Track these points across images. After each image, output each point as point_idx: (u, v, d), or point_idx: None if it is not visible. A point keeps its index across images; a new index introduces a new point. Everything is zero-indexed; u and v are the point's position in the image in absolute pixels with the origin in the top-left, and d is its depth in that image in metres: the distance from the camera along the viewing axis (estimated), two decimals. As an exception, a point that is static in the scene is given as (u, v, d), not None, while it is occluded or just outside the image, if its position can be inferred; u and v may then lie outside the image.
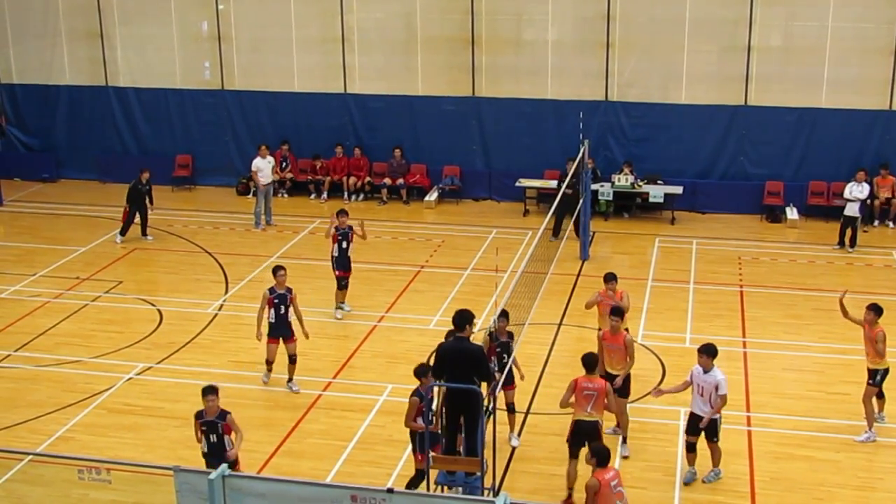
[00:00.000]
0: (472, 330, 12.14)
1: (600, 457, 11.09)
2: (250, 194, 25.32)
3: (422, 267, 20.97)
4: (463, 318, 12.00)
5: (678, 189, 23.99)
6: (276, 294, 15.28)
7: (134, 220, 22.43)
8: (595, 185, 22.93)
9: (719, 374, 12.73)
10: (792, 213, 23.79)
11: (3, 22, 27.53)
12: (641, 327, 17.66)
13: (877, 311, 13.87)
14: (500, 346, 13.44)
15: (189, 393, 15.33)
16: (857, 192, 21.82)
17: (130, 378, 16.06)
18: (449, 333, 12.98)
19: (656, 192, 23.88)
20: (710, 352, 12.75)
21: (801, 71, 23.86)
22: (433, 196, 25.37)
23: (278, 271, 15.45)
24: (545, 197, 24.30)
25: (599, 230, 23.22)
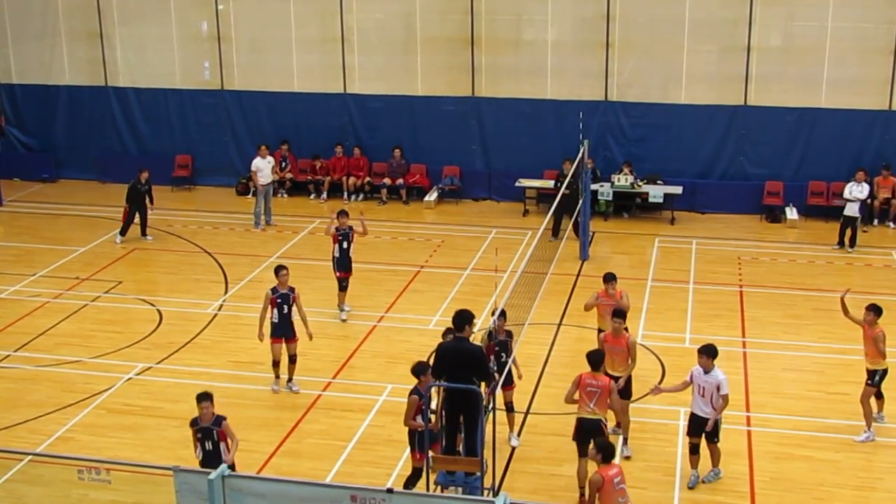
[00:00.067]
0: (471, 330, 12.13)
1: (605, 452, 11.13)
2: (250, 194, 25.31)
3: (421, 267, 20.97)
4: (462, 319, 11.99)
5: (678, 189, 23.99)
6: (279, 294, 15.25)
7: (133, 220, 22.44)
8: (595, 186, 22.93)
9: (720, 375, 12.73)
10: (791, 213, 23.79)
11: (2, 22, 27.52)
12: (641, 327, 17.66)
13: (876, 311, 13.89)
14: (498, 344, 13.45)
15: (189, 393, 15.26)
16: (856, 192, 21.83)
17: (130, 378, 16.06)
18: (446, 332, 13.00)
19: (656, 192, 23.88)
20: (710, 352, 12.75)
21: (801, 71, 23.86)
22: (433, 196, 25.37)
23: (280, 271, 15.41)
24: (545, 197, 24.29)
25: (599, 230, 23.22)
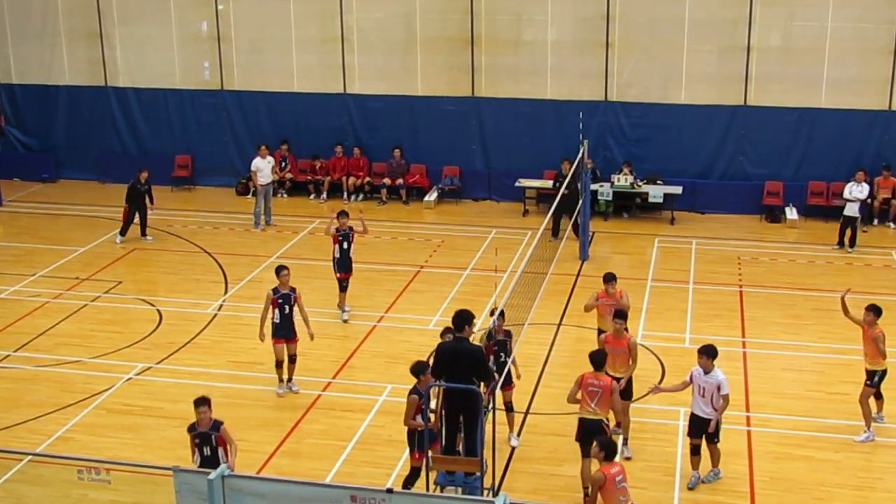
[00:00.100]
0: (471, 330, 12.12)
1: (608, 450, 11.16)
2: (250, 194, 25.31)
3: (421, 267, 20.97)
4: (462, 319, 11.99)
5: (678, 189, 23.99)
6: (280, 294, 15.18)
7: (133, 220, 22.44)
8: (594, 186, 22.93)
9: (720, 375, 12.73)
10: (791, 213, 23.79)
11: (2, 22, 27.51)
12: (641, 327, 17.66)
13: (876, 311, 13.88)
14: (496, 344, 13.44)
15: (188, 393, 15.25)
16: (856, 192, 21.82)
17: (130, 378, 16.05)
18: (444, 331, 13.00)
19: (656, 192, 23.88)
20: (709, 353, 12.74)
21: (801, 71, 23.87)
22: (433, 196, 25.37)
23: (281, 271, 15.35)
24: (545, 197, 24.29)
25: (599, 230, 23.22)
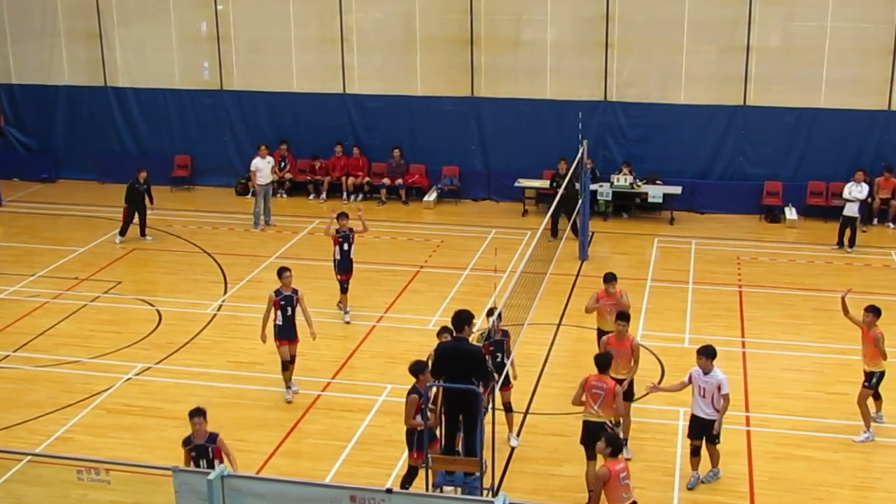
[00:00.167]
0: (471, 330, 12.12)
1: (614, 446, 11.19)
2: (249, 194, 25.31)
3: (421, 267, 20.97)
4: (462, 319, 11.97)
5: (677, 189, 23.98)
6: (283, 296, 15.08)
7: (133, 220, 22.43)
8: (594, 186, 22.93)
9: (720, 374, 12.73)
10: (791, 213, 23.79)
11: (1, 22, 27.50)
12: (640, 327, 17.65)
13: (875, 312, 13.88)
14: (493, 344, 13.43)
15: (188, 393, 15.36)
16: (856, 192, 21.82)
17: (129, 378, 16.04)
18: (441, 331, 13.00)
19: (655, 192, 23.87)
20: (708, 353, 12.74)
21: (800, 71, 23.87)
22: (432, 196, 25.36)
23: (284, 272, 15.25)
24: (544, 197, 24.27)
25: (598, 230, 23.22)
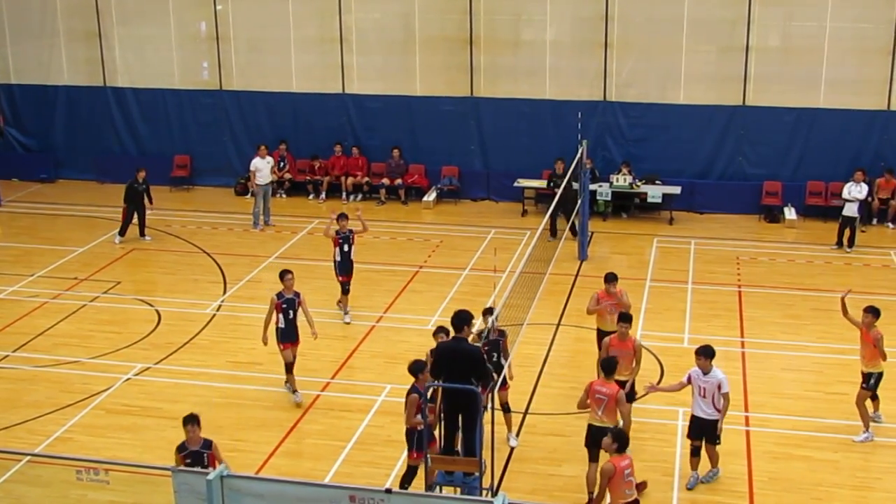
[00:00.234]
0: (470, 330, 12.12)
1: (621, 442, 11.20)
2: (248, 194, 25.30)
3: (420, 267, 20.97)
4: (461, 319, 11.97)
5: (676, 189, 23.98)
6: (285, 298, 14.99)
7: (132, 220, 22.43)
8: (593, 186, 22.93)
9: (720, 374, 12.74)
10: (790, 213, 23.79)
11: (1, 22, 27.49)
12: (640, 328, 17.64)
13: (874, 313, 13.88)
14: (489, 344, 13.40)
15: (187, 394, 15.37)
16: (855, 192, 21.81)
17: (128, 379, 16.04)
18: (437, 331, 13.01)
19: (654, 192, 23.87)
20: (707, 353, 12.74)
21: (800, 71, 23.87)
22: (431, 196, 25.36)
23: (286, 275, 15.14)
24: (543, 197, 24.27)
25: (598, 230, 23.22)
